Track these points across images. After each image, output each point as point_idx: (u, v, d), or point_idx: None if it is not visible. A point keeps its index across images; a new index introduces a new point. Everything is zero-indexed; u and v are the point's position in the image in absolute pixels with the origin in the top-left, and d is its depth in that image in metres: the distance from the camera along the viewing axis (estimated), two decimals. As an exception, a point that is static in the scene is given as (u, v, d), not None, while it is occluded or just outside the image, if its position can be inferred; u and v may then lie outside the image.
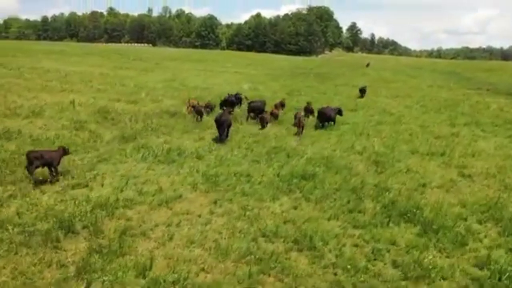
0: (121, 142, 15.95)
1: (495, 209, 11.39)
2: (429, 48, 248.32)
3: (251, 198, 11.39)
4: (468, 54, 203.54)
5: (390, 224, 10.31)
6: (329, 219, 10.45)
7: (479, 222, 10.78)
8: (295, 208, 11.03)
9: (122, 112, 21.72)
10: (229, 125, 17.53)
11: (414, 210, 10.87)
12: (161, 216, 9.91)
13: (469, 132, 21.98)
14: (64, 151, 12.16)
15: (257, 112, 21.50)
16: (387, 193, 12.25)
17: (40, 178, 11.67)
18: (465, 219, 10.84)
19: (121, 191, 11.09)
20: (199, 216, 10.08)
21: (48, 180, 11.61)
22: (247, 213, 10.39)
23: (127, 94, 28.24)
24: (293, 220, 10.23)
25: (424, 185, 13.38)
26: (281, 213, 10.59)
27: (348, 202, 11.53)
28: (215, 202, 10.93)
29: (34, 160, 11.27)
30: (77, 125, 17.59)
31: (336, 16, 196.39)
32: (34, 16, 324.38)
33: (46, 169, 11.69)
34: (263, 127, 20.13)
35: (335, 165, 14.98)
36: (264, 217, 10.26)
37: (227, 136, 17.44)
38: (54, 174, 11.68)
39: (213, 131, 18.80)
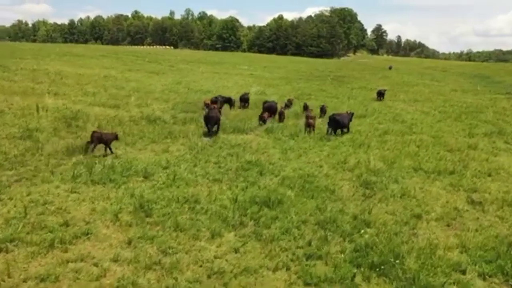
0: (64, 155, 13.48)
1: (507, 257, 8.45)
2: (458, 50, 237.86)
3: (184, 235, 8.78)
4: (500, 56, 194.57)
5: (356, 280, 7.57)
6: (274, 270, 7.78)
7: (482, 276, 7.95)
8: (236, 250, 8.37)
9: (94, 118, 19.55)
10: (217, 121, 18.33)
11: (392, 260, 8.04)
12: (42, 265, 7.32)
13: (489, 143, 19.03)
14: (116, 136, 14.67)
15: (270, 111, 22.18)
16: (365, 229, 9.49)
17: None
18: (463, 272, 8.01)
19: (10, 225, 8.44)
20: (96, 264, 7.48)
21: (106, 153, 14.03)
22: (164, 260, 7.75)
23: (117, 98, 26.11)
24: (223, 271, 7.58)
25: (419, 216, 10.61)
26: (212, 260, 7.94)
27: (310, 243, 8.81)
28: (130, 242, 8.31)
29: (96, 139, 14.02)
30: (25, 133, 15.29)
31: (362, 18, 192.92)
32: (64, 19, 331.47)
33: None
34: (262, 123, 20.89)
35: (315, 186, 12.39)
36: (184, 266, 7.63)
37: (217, 132, 18.22)
38: (108, 150, 14.26)
39: (185, 141, 16.56)
